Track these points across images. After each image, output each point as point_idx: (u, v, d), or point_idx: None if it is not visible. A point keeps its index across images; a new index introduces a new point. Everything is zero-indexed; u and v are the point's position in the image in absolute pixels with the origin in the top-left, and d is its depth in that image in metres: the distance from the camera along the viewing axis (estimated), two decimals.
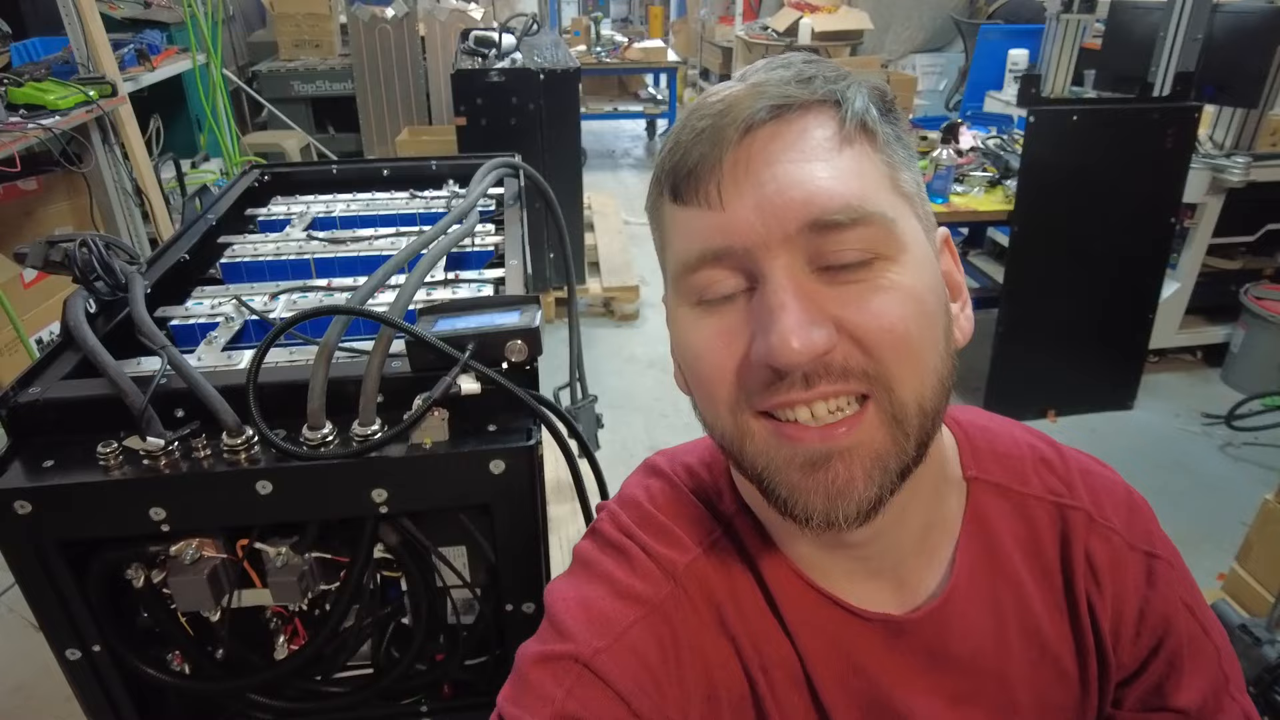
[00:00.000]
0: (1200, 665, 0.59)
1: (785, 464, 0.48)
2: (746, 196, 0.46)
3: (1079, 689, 0.59)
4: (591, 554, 0.58)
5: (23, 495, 0.79)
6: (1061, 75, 2.94)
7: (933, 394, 0.48)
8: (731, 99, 0.48)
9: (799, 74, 0.49)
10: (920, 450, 0.49)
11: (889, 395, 0.46)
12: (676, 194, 0.49)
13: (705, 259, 0.48)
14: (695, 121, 0.49)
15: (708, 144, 0.47)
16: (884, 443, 0.47)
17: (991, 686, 0.57)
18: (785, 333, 0.44)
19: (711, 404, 0.50)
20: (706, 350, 0.49)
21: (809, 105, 0.48)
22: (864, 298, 0.46)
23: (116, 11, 3.69)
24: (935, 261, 0.51)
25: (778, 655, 0.56)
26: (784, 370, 0.45)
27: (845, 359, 0.45)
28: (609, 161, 5.94)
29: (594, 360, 3.11)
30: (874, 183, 0.47)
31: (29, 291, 2.50)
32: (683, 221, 0.49)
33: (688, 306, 0.50)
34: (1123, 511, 0.60)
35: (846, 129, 0.47)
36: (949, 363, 0.49)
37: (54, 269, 1.02)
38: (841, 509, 0.47)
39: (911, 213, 0.49)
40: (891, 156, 0.49)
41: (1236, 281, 2.90)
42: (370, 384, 0.85)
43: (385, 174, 1.65)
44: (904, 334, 0.46)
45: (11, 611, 2.01)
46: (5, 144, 2.25)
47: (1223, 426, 2.67)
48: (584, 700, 0.50)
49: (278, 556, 0.88)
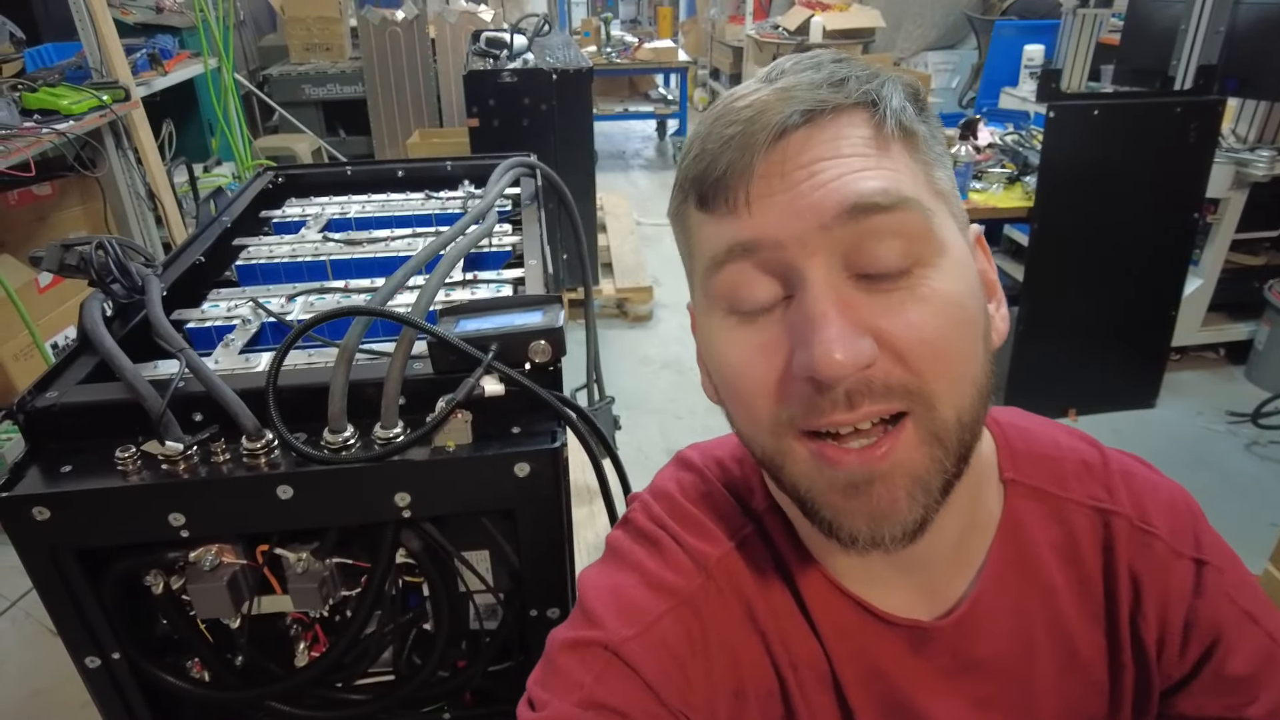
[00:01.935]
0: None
1: (827, 487, 0.46)
2: (779, 196, 0.44)
3: (1109, 701, 0.57)
4: (623, 543, 0.58)
5: (41, 501, 0.78)
6: (1079, 71, 2.92)
7: (972, 406, 0.46)
8: (760, 104, 0.46)
9: (831, 75, 0.46)
10: (961, 464, 0.47)
11: (930, 413, 0.44)
12: (704, 201, 0.48)
13: (734, 252, 0.46)
14: (722, 128, 0.47)
15: (737, 150, 0.45)
16: (924, 463, 0.45)
17: (1014, 692, 0.55)
18: (828, 344, 0.42)
19: (751, 422, 0.48)
20: (745, 366, 0.47)
21: (842, 109, 0.45)
22: (905, 307, 0.44)
23: (129, 17, 3.71)
24: (973, 262, 0.49)
25: (806, 655, 0.55)
26: (827, 383, 0.43)
27: (886, 377, 0.44)
28: (620, 162, 5.93)
29: (608, 361, 3.09)
30: (911, 178, 0.46)
31: (44, 296, 2.50)
32: (711, 226, 0.48)
33: (721, 315, 0.48)
34: (1166, 515, 0.57)
35: (885, 130, 0.46)
36: (988, 369, 0.48)
37: (70, 273, 1.01)
38: (887, 531, 0.46)
39: (948, 212, 0.48)
40: (928, 155, 0.48)
41: (1260, 278, 2.85)
42: (392, 386, 0.83)
43: (400, 175, 1.64)
44: (945, 348, 0.44)
45: (29, 617, 2.01)
46: (20, 149, 2.25)
47: (1248, 425, 2.62)
48: (611, 687, 0.50)
49: (298, 562, 0.86)
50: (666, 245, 4.25)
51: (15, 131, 2.32)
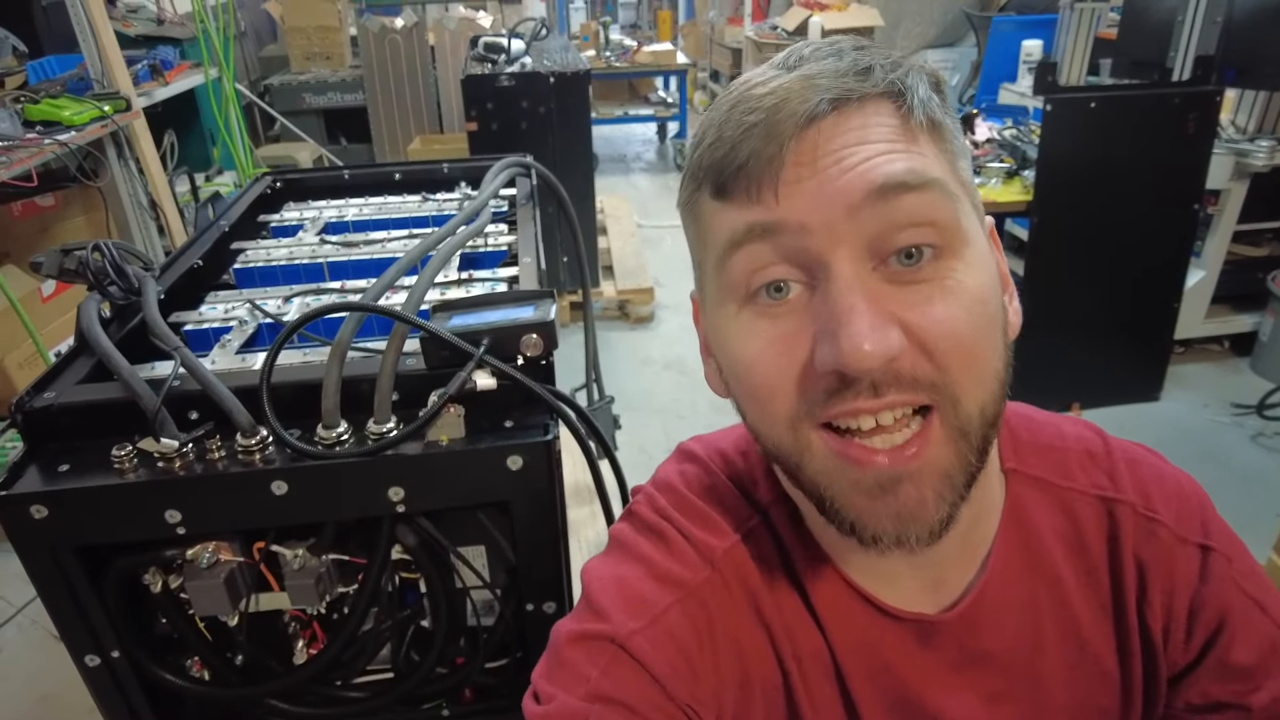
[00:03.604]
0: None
1: (851, 487, 0.46)
2: (806, 184, 0.43)
3: (1120, 692, 0.56)
4: (628, 536, 0.57)
5: (39, 499, 0.79)
6: (1077, 65, 2.90)
7: (994, 399, 0.46)
8: (784, 91, 0.44)
9: (855, 64, 0.45)
10: (983, 459, 0.47)
11: (955, 408, 0.44)
12: (722, 190, 0.46)
13: (754, 232, 0.45)
14: (742, 115, 0.45)
15: (760, 139, 0.44)
16: (951, 459, 0.45)
17: (1025, 685, 0.55)
18: (858, 336, 0.41)
19: (767, 417, 0.47)
20: (762, 359, 0.46)
21: (869, 98, 0.44)
22: (931, 300, 0.43)
23: (130, 29, 3.73)
24: (992, 255, 0.49)
25: (811, 647, 0.54)
26: (856, 376, 0.42)
27: (913, 368, 0.43)
28: (621, 166, 5.93)
29: (609, 363, 3.10)
30: (938, 165, 0.45)
31: (47, 305, 2.52)
32: (728, 213, 0.46)
33: (735, 306, 0.47)
34: (1172, 502, 0.57)
35: (913, 121, 0.45)
36: (1007, 361, 0.47)
37: (69, 277, 1.02)
38: (914, 531, 0.45)
39: (970, 203, 0.47)
40: (953, 146, 0.47)
41: (1263, 268, 2.83)
42: (385, 381, 0.84)
43: (397, 178, 1.64)
44: (971, 342, 0.44)
45: (34, 624, 2.02)
46: (22, 160, 2.27)
47: (1254, 417, 2.61)
48: (618, 680, 0.49)
49: (295, 559, 0.87)
50: (667, 247, 4.25)
51: (18, 143, 2.34)
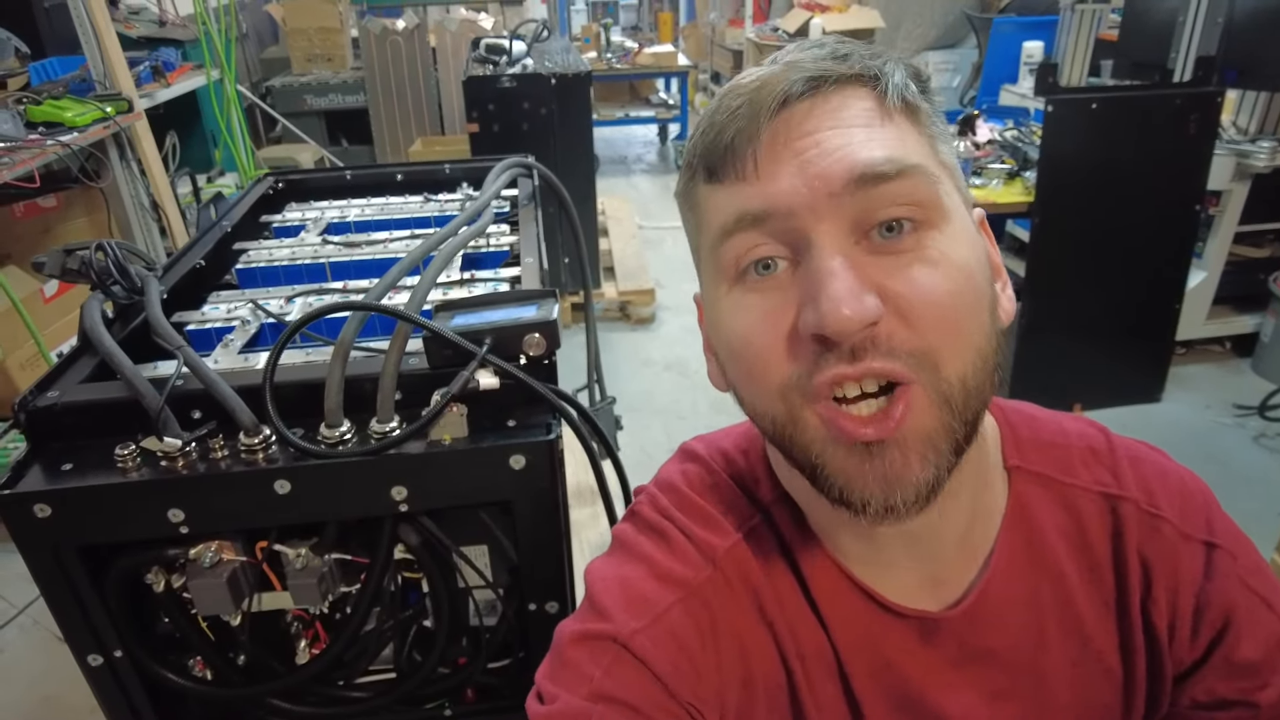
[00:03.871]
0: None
1: (838, 453, 0.46)
2: (786, 164, 0.45)
3: (1123, 689, 0.56)
4: (630, 536, 0.57)
5: (42, 498, 0.79)
6: (1078, 67, 2.90)
7: (976, 373, 0.46)
8: (766, 77, 0.47)
9: (834, 51, 0.48)
10: (969, 431, 0.47)
11: (934, 375, 0.45)
12: (712, 173, 0.48)
13: (744, 221, 0.46)
14: (729, 101, 0.48)
15: (743, 119, 0.46)
16: (934, 424, 0.45)
17: (1029, 682, 0.55)
18: (835, 299, 0.42)
19: (760, 388, 0.48)
20: (752, 330, 0.47)
21: (845, 80, 0.47)
22: (911, 269, 0.44)
23: (132, 30, 3.73)
24: (978, 234, 0.49)
25: (813, 645, 0.54)
26: (834, 339, 0.43)
27: (891, 337, 0.44)
28: (622, 167, 5.94)
29: (611, 364, 3.10)
30: (915, 146, 0.47)
31: (49, 306, 2.52)
32: (720, 198, 0.48)
33: (727, 285, 0.49)
34: (1175, 499, 0.57)
35: (888, 103, 0.46)
36: (994, 341, 0.47)
37: (71, 277, 1.02)
38: (900, 494, 0.45)
39: (953, 184, 0.48)
40: (931, 129, 0.49)
41: (1265, 269, 2.83)
42: (388, 380, 0.84)
43: (399, 179, 1.65)
44: (951, 310, 0.44)
45: (37, 624, 2.02)
46: (25, 161, 2.27)
47: (1256, 418, 2.61)
48: (621, 680, 0.50)
49: (297, 558, 0.87)
50: (668, 249, 4.25)
51: (20, 144, 2.35)
